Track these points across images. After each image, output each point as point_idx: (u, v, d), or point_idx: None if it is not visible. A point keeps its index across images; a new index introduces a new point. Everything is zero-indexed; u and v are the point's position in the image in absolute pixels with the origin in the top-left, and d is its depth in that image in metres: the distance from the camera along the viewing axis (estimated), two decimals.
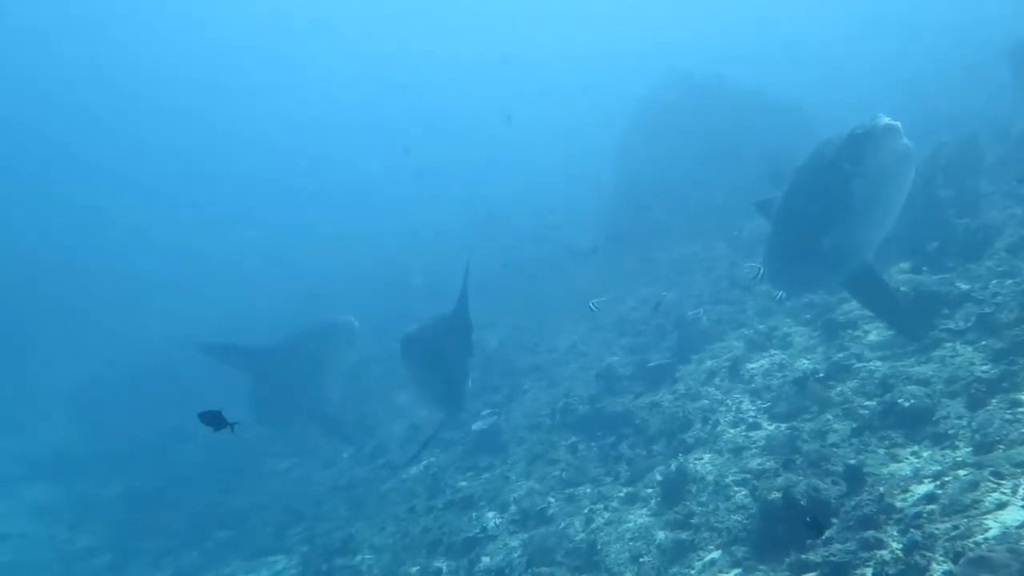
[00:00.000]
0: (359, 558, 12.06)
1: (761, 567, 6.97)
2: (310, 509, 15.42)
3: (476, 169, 47.77)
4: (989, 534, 5.58)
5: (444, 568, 10.39)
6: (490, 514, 11.34)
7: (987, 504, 5.97)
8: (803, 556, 6.50)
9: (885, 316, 9.80)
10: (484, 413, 14.88)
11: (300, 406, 17.00)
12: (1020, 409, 7.08)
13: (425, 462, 15.07)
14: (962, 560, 5.24)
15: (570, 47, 68.72)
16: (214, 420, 7.02)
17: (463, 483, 13.02)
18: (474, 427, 14.34)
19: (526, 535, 10.13)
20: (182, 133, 67.44)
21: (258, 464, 19.52)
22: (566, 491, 10.79)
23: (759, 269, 10.80)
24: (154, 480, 20.24)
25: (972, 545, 5.43)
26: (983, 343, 8.62)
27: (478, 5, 71.61)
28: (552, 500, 10.72)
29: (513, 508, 11.10)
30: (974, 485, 6.23)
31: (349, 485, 15.86)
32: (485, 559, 10.08)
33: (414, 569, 10.75)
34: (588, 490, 10.54)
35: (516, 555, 9.71)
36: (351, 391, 19.42)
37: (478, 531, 10.82)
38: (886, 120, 8.49)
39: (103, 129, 65.68)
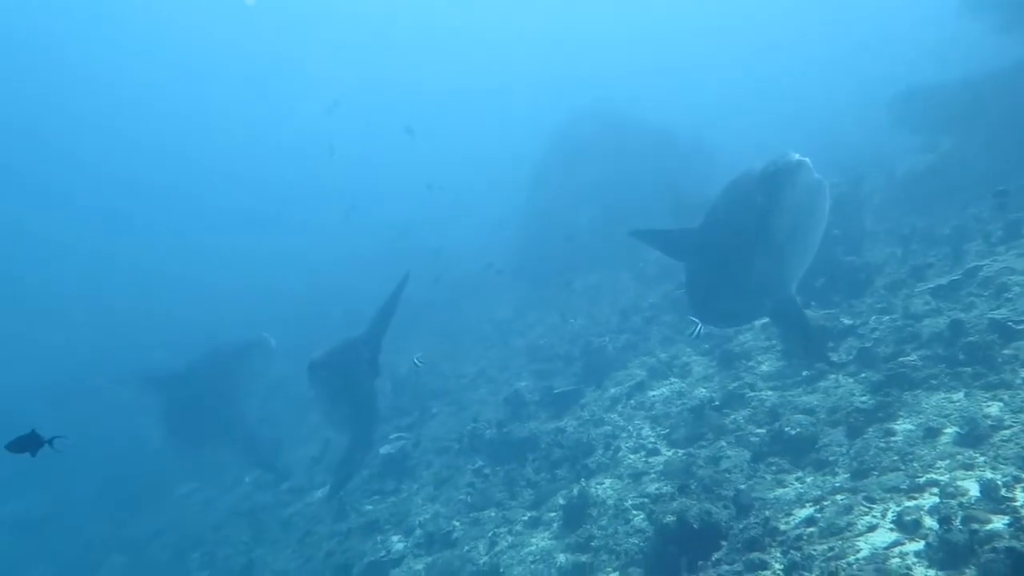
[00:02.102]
0: None
1: None
2: (210, 534, 15.07)
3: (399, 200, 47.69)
4: (860, 555, 6.01)
5: None
6: (395, 538, 11.36)
7: (860, 527, 6.42)
8: None
9: (803, 347, 10.09)
10: (392, 437, 14.90)
11: (216, 427, 16.64)
12: (893, 438, 7.63)
13: (331, 485, 14.94)
14: None
15: (489, 79, 69.49)
16: (28, 445, 6.61)
17: (369, 507, 12.98)
18: (382, 451, 14.32)
19: (430, 558, 10.21)
20: (108, 147, 65.06)
21: (158, 489, 18.92)
22: (471, 515, 10.92)
23: (698, 325, 10.22)
24: (45, 505, 19.37)
25: (845, 565, 5.85)
26: (863, 375, 9.25)
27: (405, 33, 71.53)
28: (457, 524, 10.82)
29: (418, 532, 11.15)
30: (849, 509, 6.69)
31: (252, 510, 15.56)
32: None
33: None
34: (493, 514, 10.69)
35: None
36: (264, 414, 19.11)
37: (383, 555, 10.82)
38: (797, 157, 8.90)
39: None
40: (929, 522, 6.01)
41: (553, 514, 9.85)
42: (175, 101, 68.26)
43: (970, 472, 6.51)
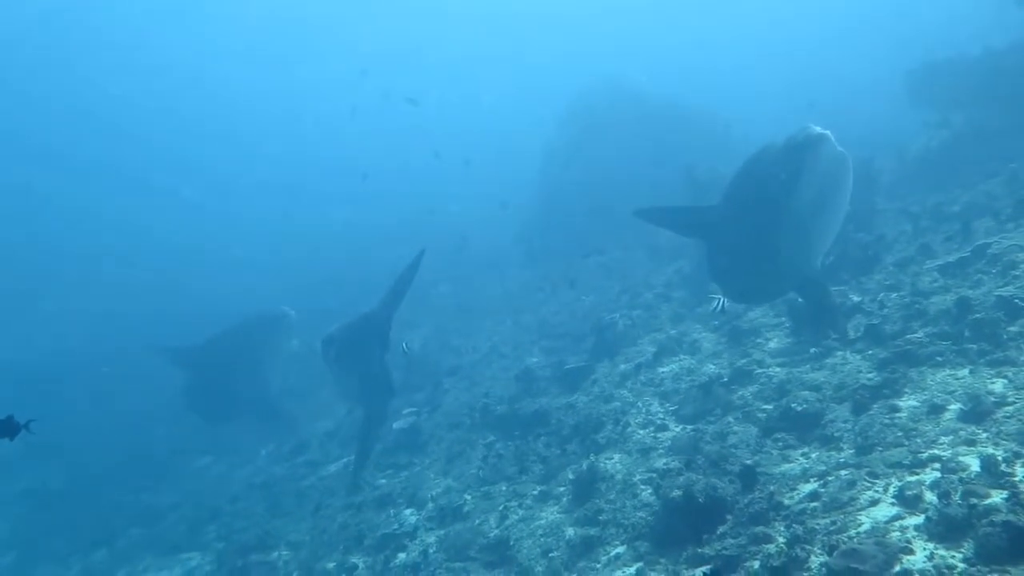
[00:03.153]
0: (275, 554, 12.14)
1: (662, 560, 7.40)
2: (227, 506, 15.36)
3: (411, 171, 47.78)
4: (861, 528, 6.14)
5: (360, 564, 10.58)
6: (408, 511, 11.58)
7: (862, 501, 6.54)
8: (699, 550, 6.97)
9: (825, 323, 10.09)
10: (405, 412, 15.11)
11: (238, 399, 16.92)
12: (898, 414, 7.72)
13: (345, 460, 15.20)
14: (836, 552, 5.76)
15: (502, 51, 69.10)
16: (5, 430, 6.74)
17: (382, 481, 13.20)
18: (395, 426, 14.53)
19: (442, 531, 10.40)
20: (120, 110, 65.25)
21: (174, 462, 19.28)
22: (482, 489, 11.10)
23: (720, 299, 10.34)
24: (63, 477, 19.77)
25: (846, 539, 5.97)
26: (870, 352, 9.32)
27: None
28: (468, 498, 11.01)
29: (430, 505, 11.35)
30: (852, 484, 6.80)
31: (267, 483, 15.85)
32: (401, 555, 10.31)
33: (331, 565, 10.90)
34: (504, 488, 10.86)
35: (432, 551, 9.97)
36: (283, 387, 19.37)
37: (395, 528, 11.03)
38: (818, 129, 8.84)
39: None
40: (930, 497, 6.12)
41: (563, 488, 10.00)
42: (200, 73, 68.36)
43: (972, 448, 6.61)
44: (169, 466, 19.12)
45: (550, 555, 8.58)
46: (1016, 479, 5.83)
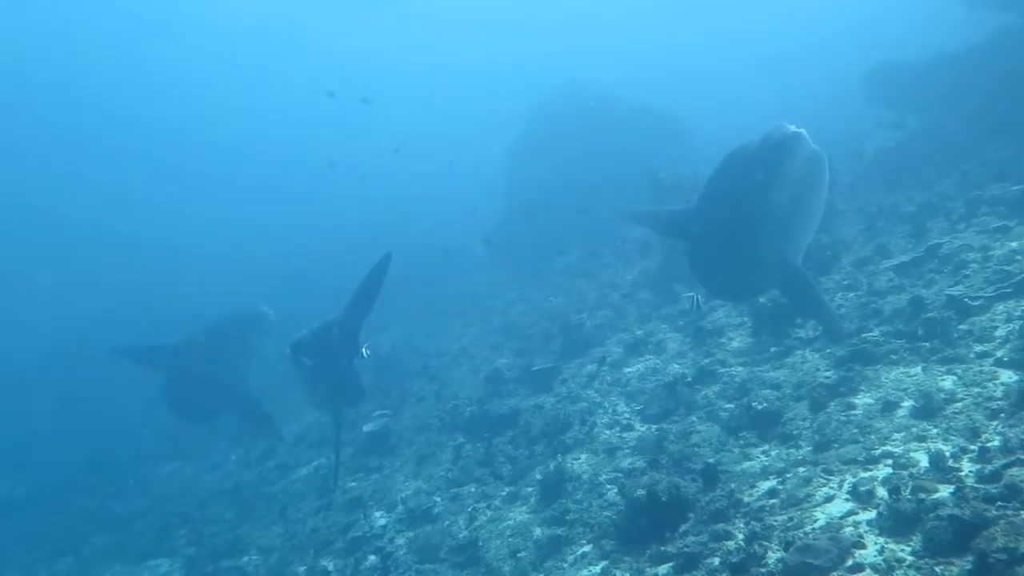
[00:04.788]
0: (246, 559, 12.13)
1: (626, 559, 7.56)
2: (196, 512, 15.30)
3: (376, 172, 47.58)
4: (816, 524, 6.34)
5: (331, 567, 10.63)
6: (378, 513, 11.65)
7: (817, 498, 6.75)
8: (663, 548, 7.15)
9: (815, 317, 10.15)
10: (375, 415, 15.16)
11: (221, 397, 16.71)
12: (853, 412, 7.96)
13: (315, 463, 15.22)
14: (792, 548, 5.96)
15: (467, 55, 69.18)
16: None
17: (352, 484, 13.25)
18: (365, 429, 14.59)
19: (412, 533, 10.49)
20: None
21: (142, 467, 19.12)
22: (452, 490, 11.20)
23: (695, 297, 10.34)
24: (28, 485, 19.51)
25: (801, 535, 6.17)
26: (828, 351, 9.57)
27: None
28: (438, 499, 11.12)
29: (400, 508, 11.43)
30: (808, 481, 7.02)
31: (237, 487, 15.81)
32: (372, 557, 10.38)
33: (301, 569, 10.93)
34: (472, 489, 10.98)
35: (402, 553, 10.06)
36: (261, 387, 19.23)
37: (366, 530, 11.11)
38: (792, 128, 8.98)
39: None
40: (882, 492, 6.32)
41: (530, 489, 10.13)
42: (172, 73, 67.50)
43: (923, 444, 6.84)
44: (136, 472, 18.95)
45: (518, 555, 8.71)
46: (962, 474, 6.07)
